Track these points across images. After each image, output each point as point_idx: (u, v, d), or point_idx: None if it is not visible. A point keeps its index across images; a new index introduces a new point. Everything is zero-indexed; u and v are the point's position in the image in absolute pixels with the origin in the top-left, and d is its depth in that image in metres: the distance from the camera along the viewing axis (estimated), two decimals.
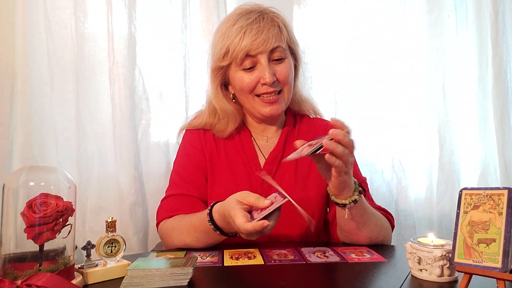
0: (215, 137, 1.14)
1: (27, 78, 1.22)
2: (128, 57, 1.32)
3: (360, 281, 0.71)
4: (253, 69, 1.02)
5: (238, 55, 0.99)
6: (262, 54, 1.00)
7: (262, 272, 0.78)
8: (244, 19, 1.00)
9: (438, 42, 1.50)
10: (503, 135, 1.47)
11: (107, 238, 0.76)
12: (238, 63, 1.01)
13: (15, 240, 0.67)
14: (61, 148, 1.30)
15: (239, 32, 0.99)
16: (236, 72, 1.04)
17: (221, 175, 1.09)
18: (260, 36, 0.98)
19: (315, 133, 1.12)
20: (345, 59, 1.50)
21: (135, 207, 1.32)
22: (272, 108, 1.05)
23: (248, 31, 0.98)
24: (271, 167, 1.09)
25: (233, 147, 1.13)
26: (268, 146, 1.13)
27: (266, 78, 1.00)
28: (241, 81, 1.03)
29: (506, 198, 0.59)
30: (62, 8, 1.29)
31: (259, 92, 1.04)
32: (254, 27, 0.99)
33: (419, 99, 1.52)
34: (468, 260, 0.60)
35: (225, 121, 1.11)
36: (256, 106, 1.06)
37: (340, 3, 1.50)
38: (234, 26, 1.00)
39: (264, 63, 1.00)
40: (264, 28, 0.99)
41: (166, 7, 1.39)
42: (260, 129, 1.15)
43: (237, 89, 1.07)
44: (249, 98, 1.06)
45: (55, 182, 0.71)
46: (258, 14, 1.01)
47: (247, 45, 0.98)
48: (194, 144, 1.13)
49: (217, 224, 0.86)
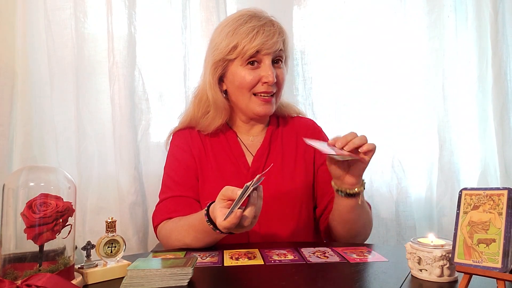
0: (201, 137, 1.17)
1: (27, 78, 1.22)
2: (128, 57, 1.32)
3: (360, 281, 0.71)
4: (255, 67, 1.07)
5: (247, 51, 1.04)
6: (268, 56, 1.06)
7: (262, 272, 0.78)
8: (256, 20, 1.07)
9: (438, 43, 1.49)
10: (503, 136, 1.47)
11: (107, 238, 0.76)
12: (244, 59, 1.06)
13: (15, 240, 0.67)
14: (61, 148, 1.30)
15: (252, 30, 1.04)
16: (237, 67, 1.08)
17: (211, 175, 1.11)
18: (272, 38, 1.05)
19: (297, 131, 1.20)
20: (345, 59, 1.50)
21: (135, 207, 1.32)
22: (266, 107, 1.10)
23: (261, 32, 1.04)
24: (259, 164, 1.13)
25: (219, 147, 1.15)
26: (254, 144, 1.17)
27: (269, 77, 1.05)
28: (242, 78, 1.07)
29: (506, 198, 0.59)
30: (62, 8, 1.29)
31: (258, 91, 1.08)
32: (266, 29, 1.05)
33: (419, 100, 1.52)
34: (468, 260, 0.60)
35: (213, 114, 1.13)
36: (251, 104, 1.10)
37: (340, 3, 1.50)
38: (246, 25, 1.06)
39: (268, 64, 1.06)
40: (276, 33, 1.06)
41: (166, 8, 1.39)
42: (247, 128, 1.19)
43: (235, 85, 1.10)
44: (246, 96, 1.09)
45: (55, 182, 0.71)
46: (268, 20, 1.09)
47: (259, 44, 1.04)
48: (182, 147, 1.15)
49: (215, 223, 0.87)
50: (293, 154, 1.16)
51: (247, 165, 1.12)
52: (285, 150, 1.16)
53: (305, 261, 0.84)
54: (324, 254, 0.89)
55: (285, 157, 1.15)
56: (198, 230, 0.92)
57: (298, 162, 1.15)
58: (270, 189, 1.03)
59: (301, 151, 1.17)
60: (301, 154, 1.16)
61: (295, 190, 1.11)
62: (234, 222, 0.76)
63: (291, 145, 1.17)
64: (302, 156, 1.16)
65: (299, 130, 1.21)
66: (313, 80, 1.50)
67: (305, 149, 1.16)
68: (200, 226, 0.91)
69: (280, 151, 1.15)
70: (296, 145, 1.17)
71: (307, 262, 0.83)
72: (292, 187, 1.11)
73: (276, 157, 1.14)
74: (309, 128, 1.22)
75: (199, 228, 0.92)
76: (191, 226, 0.94)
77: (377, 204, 1.48)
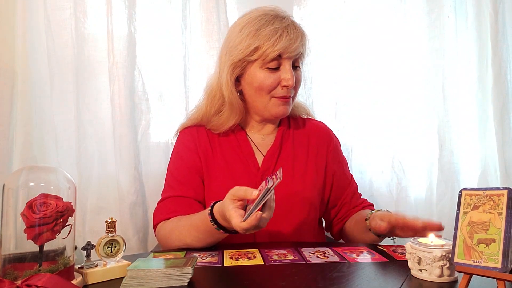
0: (209, 136, 1.15)
1: (27, 78, 1.22)
2: (128, 57, 1.32)
3: (360, 281, 0.71)
4: (276, 70, 1.05)
5: (270, 54, 1.02)
6: (290, 59, 1.05)
7: (262, 272, 0.78)
8: (279, 22, 1.04)
9: (438, 43, 1.50)
10: (503, 136, 1.47)
11: (107, 239, 0.76)
12: (266, 61, 1.03)
13: (15, 241, 0.67)
14: (61, 148, 1.30)
15: (275, 33, 1.02)
16: (257, 69, 1.06)
17: (219, 174, 1.10)
18: (295, 42, 1.03)
19: (309, 133, 1.19)
20: (345, 59, 1.50)
21: (135, 207, 1.32)
22: (284, 108, 1.09)
23: (285, 35, 1.02)
24: (269, 164, 1.11)
25: (228, 146, 1.14)
26: (265, 144, 1.15)
27: (289, 81, 1.04)
28: (262, 80, 1.05)
29: (506, 199, 0.59)
30: (62, 8, 1.29)
31: (277, 95, 1.07)
32: (290, 32, 1.03)
33: (419, 100, 1.52)
34: (468, 260, 0.60)
35: (227, 114, 1.11)
36: (269, 106, 1.09)
37: (340, 3, 1.50)
38: (269, 27, 1.02)
39: (288, 67, 1.05)
40: (298, 36, 1.04)
41: (166, 8, 1.39)
42: (259, 127, 1.17)
43: (253, 86, 1.07)
44: (264, 98, 1.08)
45: (55, 182, 0.71)
46: (291, 22, 1.06)
47: (283, 47, 1.01)
48: (188, 145, 1.13)
49: (219, 223, 0.86)
50: (304, 156, 1.14)
51: (257, 165, 1.11)
52: (296, 151, 1.15)
53: (305, 261, 0.84)
54: (324, 254, 0.89)
55: (296, 158, 1.14)
56: (200, 230, 0.92)
57: (309, 164, 1.14)
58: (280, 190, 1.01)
59: (312, 154, 1.16)
60: (312, 156, 1.15)
61: (305, 191, 1.10)
62: (254, 224, 0.74)
63: (303, 146, 1.16)
64: (313, 159, 1.15)
65: (311, 132, 1.20)
66: (313, 80, 1.50)
67: (318, 152, 1.16)
68: (202, 226, 0.90)
69: (291, 152, 1.14)
70: (307, 147, 1.16)
71: (307, 262, 0.83)
72: (301, 189, 1.10)
73: (287, 158, 1.13)
74: (320, 131, 1.21)
75: (202, 228, 0.91)
76: (193, 226, 0.93)
77: (377, 204, 1.48)
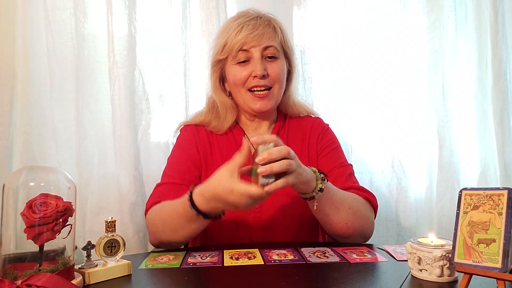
0: (208, 135, 1.18)
1: (27, 78, 1.22)
2: (128, 57, 1.32)
3: (360, 281, 0.71)
4: (246, 63, 1.09)
5: (233, 47, 1.07)
6: (256, 48, 1.07)
7: (262, 272, 0.78)
8: (244, 17, 1.10)
9: (438, 43, 1.49)
10: (503, 136, 1.47)
11: (107, 238, 0.76)
12: (233, 56, 1.08)
13: (15, 240, 0.67)
14: (61, 148, 1.30)
15: (237, 27, 1.07)
16: (230, 66, 1.11)
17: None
18: (255, 31, 1.06)
19: (303, 129, 1.20)
20: (345, 59, 1.50)
21: (135, 207, 1.32)
22: (262, 103, 1.10)
23: (245, 26, 1.07)
24: None
25: (226, 144, 1.16)
26: None
27: (257, 70, 1.06)
28: (234, 74, 1.10)
29: (506, 199, 0.59)
30: (62, 8, 1.29)
31: (250, 86, 1.10)
32: (251, 23, 1.08)
33: (419, 100, 1.52)
34: (468, 260, 0.60)
35: (224, 114, 1.16)
36: (247, 101, 1.11)
37: (340, 4, 1.50)
38: (233, 22, 1.10)
39: (256, 57, 1.07)
40: (260, 26, 1.08)
41: (166, 8, 1.39)
42: (253, 126, 1.20)
43: (231, 83, 1.13)
44: (242, 92, 1.12)
45: (55, 182, 0.71)
46: (256, 15, 1.11)
47: (242, 38, 1.06)
48: (189, 139, 1.17)
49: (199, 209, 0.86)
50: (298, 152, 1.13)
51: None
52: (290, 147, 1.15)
53: (305, 261, 0.84)
54: (324, 254, 0.89)
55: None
56: (181, 215, 0.91)
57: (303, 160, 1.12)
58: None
59: (306, 148, 1.17)
60: (306, 151, 1.16)
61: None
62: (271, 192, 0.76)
63: (297, 143, 1.17)
64: (307, 153, 1.16)
65: (306, 128, 1.21)
66: (313, 80, 1.50)
67: (310, 145, 1.17)
68: (183, 211, 0.89)
69: None
70: (301, 142, 1.17)
71: (307, 262, 0.83)
72: None
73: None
74: (315, 125, 1.22)
75: (183, 214, 0.90)
76: (174, 211, 0.93)
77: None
